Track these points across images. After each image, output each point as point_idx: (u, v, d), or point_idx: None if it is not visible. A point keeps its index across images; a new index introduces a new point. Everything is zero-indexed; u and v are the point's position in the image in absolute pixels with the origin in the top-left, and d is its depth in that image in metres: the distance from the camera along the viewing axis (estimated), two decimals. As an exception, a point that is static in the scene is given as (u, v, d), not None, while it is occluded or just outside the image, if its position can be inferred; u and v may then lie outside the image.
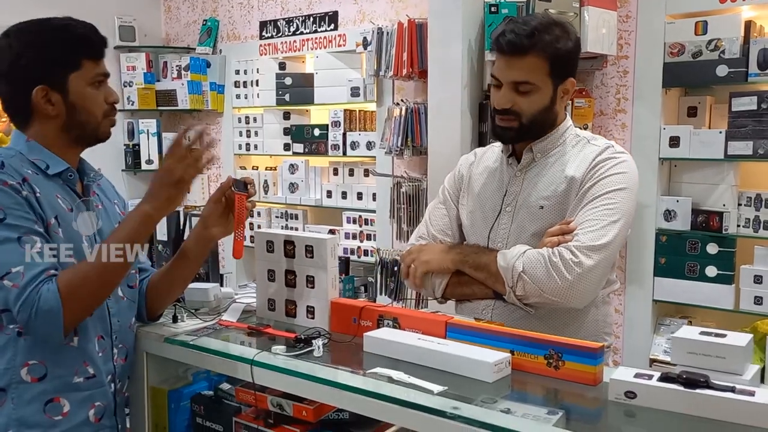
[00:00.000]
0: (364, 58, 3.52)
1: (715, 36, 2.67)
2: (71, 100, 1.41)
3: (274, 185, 4.24)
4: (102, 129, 1.47)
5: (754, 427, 1.08)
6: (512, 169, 1.68)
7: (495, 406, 1.17)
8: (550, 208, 1.61)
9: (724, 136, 2.66)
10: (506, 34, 1.54)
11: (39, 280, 1.30)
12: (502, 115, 1.59)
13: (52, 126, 1.42)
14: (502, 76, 1.57)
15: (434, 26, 2.94)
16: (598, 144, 1.64)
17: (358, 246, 3.79)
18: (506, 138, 1.65)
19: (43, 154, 1.43)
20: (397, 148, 3.27)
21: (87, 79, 1.42)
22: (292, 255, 1.66)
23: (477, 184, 1.76)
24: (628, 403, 1.18)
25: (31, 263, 1.30)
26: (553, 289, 1.51)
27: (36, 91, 1.38)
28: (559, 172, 1.62)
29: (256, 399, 1.47)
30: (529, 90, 1.55)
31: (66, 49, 1.40)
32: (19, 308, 1.29)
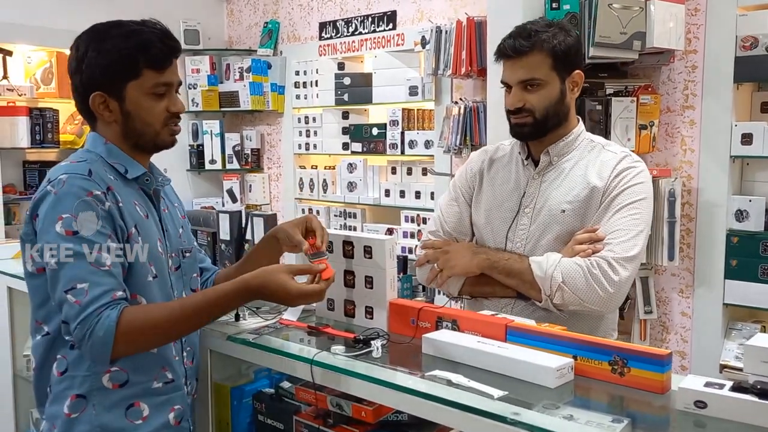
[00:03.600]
0: (423, 57, 3.51)
1: (792, 27, 2.54)
2: (127, 108, 1.39)
3: (332, 184, 4.28)
4: (161, 138, 1.44)
5: None
6: (529, 171, 1.74)
7: (557, 412, 1.14)
8: (572, 213, 1.67)
9: (802, 132, 2.53)
10: (506, 41, 1.65)
11: (102, 302, 1.27)
12: (516, 115, 1.67)
13: (113, 131, 1.42)
14: (509, 78, 1.68)
15: (494, 24, 2.90)
16: (614, 151, 1.71)
17: (416, 245, 3.77)
18: (523, 135, 1.71)
19: (121, 158, 1.42)
20: (455, 146, 3.25)
21: (145, 88, 1.38)
22: (351, 255, 1.67)
23: (493, 183, 1.80)
24: (697, 412, 1.14)
25: (97, 281, 1.28)
26: (593, 299, 1.59)
27: (93, 97, 1.38)
28: (579, 177, 1.68)
29: (316, 398, 1.48)
30: (537, 86, 1.64)
31: (126, 57, 1.37)
32: (75, 326, 1.26)
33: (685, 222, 2.86)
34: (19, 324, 2.58)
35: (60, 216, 1.29)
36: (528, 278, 1.63)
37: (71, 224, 1.28)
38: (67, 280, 1.27)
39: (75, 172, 1.33)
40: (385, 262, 1.62)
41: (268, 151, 4.77)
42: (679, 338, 2.95)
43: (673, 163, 2.90)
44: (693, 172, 2.84)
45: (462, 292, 1.78)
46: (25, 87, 4.13)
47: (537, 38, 1.63)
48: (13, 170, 4.21)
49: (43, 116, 4.13)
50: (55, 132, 4.18)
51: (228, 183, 4.71)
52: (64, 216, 1.29)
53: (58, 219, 1.28)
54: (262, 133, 4.77)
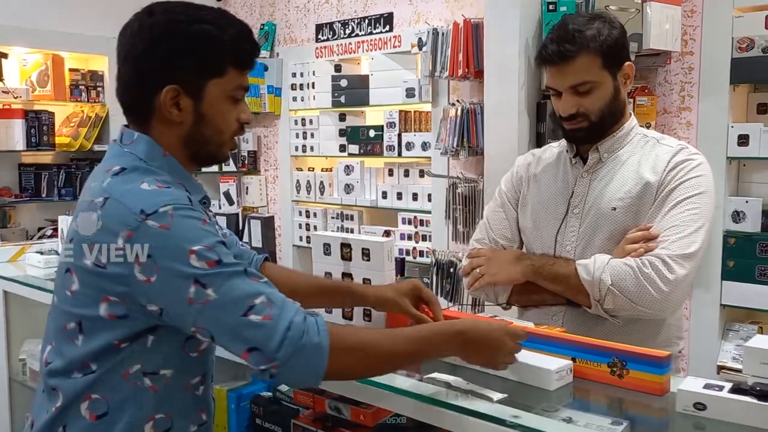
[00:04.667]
0: (419, 59, 3.51)
1: (787, 29, 2.55)
2: (203, 110, 1.18)
3: (329, 186, 4.28)
4: (223, 150, 1.24)
5: None
6: (577, 170, 1.65)
7: (556, 414, 1.14)
8: (624, 210, 1.57)
9: (798, 134, 2.53)
10: (548, 46, 1.55)
11: (295, 308, 1.10)
12: (570, 120, 1.58)
13: (172, 134, 1.19)
14: (558, 84, 1.57)
15: (491, 25, 2.91)
16: (670, 144, 1.60)
17: (414, 247, 3.79)
18: (580, 139, 1.62)
19: (182, 176, 1.21)
20: (452, 148, 3.25)
21: (227, 90, 1.19)
22: (349, 258, 1.66)
23: (539, 186, 1.73)
24: (697, 414, 1.14)
25: (271, 291, 1.10)
26: (647, 301, 1.47)
27: (166, 91, 1.14)
28: (631, 172, 1.59)
29: (314, 402, 1.48)
30: (590, 88, 1.54)
31: (215, 49, 1.16)
32: (279, 343, 1.05)
33: (682, 223, 2.86)
34: (14, 328, 2.57)
35: (191, 250, 1.06)
36: (575, 282, 1.52)
37: (208, 254, 1.07)
38: (239, 303, 1.07)
39: (177, 202, 1.10)
40: (383, 264, 1.62)
41: (264, 153, 4.76)
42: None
43: (669, 165, 2.90)
44: (690, 173, 2.84)
45: (510, 301, 1.70)
46: (21, 89, 4.12)
47: (582, 39, 1.51)
48: (8, 173, 4.20)
49: (39, 119, 4.12)
50: (50, 135, 4.17)
51: (225, 185, 4.70)
52: (195, 249, 1.07)
53: (189, 254, 1.06)
54: (259, 135, 4.76)
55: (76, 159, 4.42)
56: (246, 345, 1.06)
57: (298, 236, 4.48)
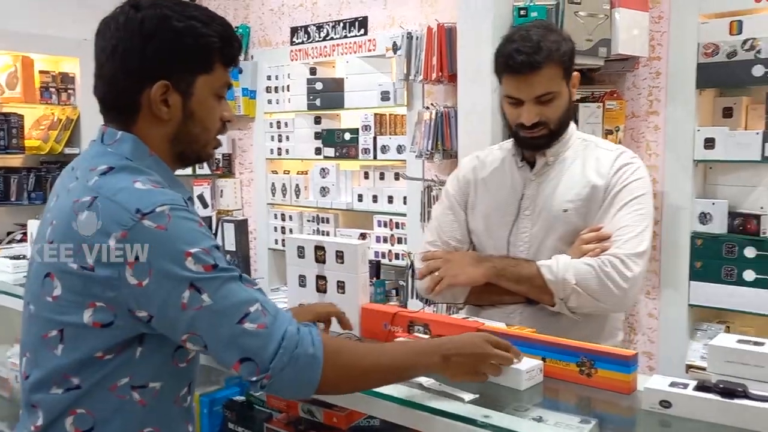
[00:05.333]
0: (394, 63, 3.53)
1: (750, 36, 2.61)
2: (191, 107, 1.16)
3: (305, 189, 4.27)
4: (208, 149, 1.23)
5: None
6: (525, 173, 1.71)
7: (527, 414, 1.16)
8: (575, 212, 1.65)
9: (762, 137, 2.59)
10: (515, 56, 1.56)
11: (290, 318, 1.08)
12: (530, 129, 1.62)
13: (159, 133, 1.16)
14: (522, 94, 1.60)
15: (464, 30, 2.93)
16: (608, 147, 1.71)
17: (389, 249, 3.80)
18: (539, 146, 1.67)
19: (168, 177, 1.17)
20: (427, 151, 3.27)
21: (215, 86, 1.18)
22: (323, 260, 1.67)
23: (488, 189, 1.77)
24: (663, 412, 1.17)
25: (265, 299, 1.07)
26: (609, 298, 1.56)
27: (157, 87, 1.12)
28: (578, 176, 1.66)
29: (287, 405, 1.48)
30: (552, 98, 1.59)
31: (205, 45, 1.15)
32: (273, 353, 1.03)
33: (651, 225, 2.91)
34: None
35: (187, 252, 1.03)
36: (539, 283, 1.59)
37: (205, 258, 1.04)
38: (234, 310, 1.03)
39: (174, 202, 1.07)
40: (357, 266, 1.63)
41: (239, 156, 4.74)
42: (646, 339, 3.00)
43: (639, 168, 2.95)
44: (658, 176, 2.90)
45: (468, 301, 1.74)
46: (-11, 92, 4.05)
47: (548, 50, 1.56)
48: (-24, 176, 4.12)
49: (8, 121, 4.05)
50: (20, 137, 4.10)
51: (199, 188, 4.66)
52: (193, 251, 1.03)
53: (186, 256, 1.03)
54: (234, 138, 4.74)
55: (47, 162, 4.36)
56: (240, 354, 1.03)
57: (273, 239, 4.46)
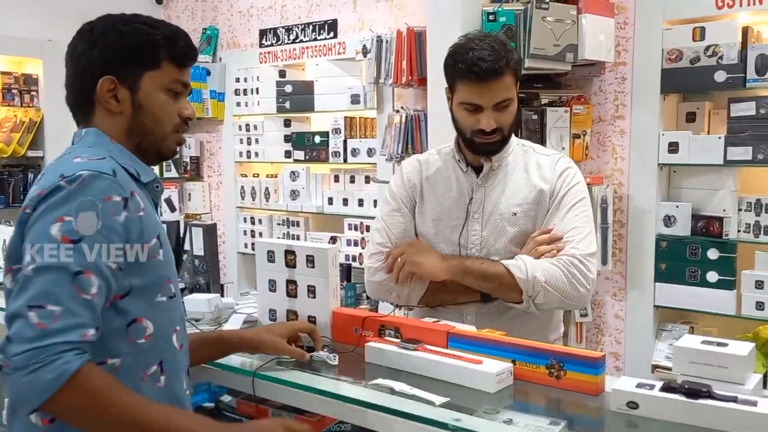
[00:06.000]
0: (364, 66, 3.53)
1: (712, 42, 2.68)
2: (139, 100, 1.23)
3: (275, 192, 4.24)
4: (167, 144, 1.27)
5: None
6: (471, 178, 1.75)
7: (497, 417, 1.17)
8: (523, 215, 1.71)
9: (723, 141, 2.66)
10: (480, 63, 1.59)
11: (68, 339, 1.02)
12: (488, 135, 1.66)
13: (115, 124, 1.24)
14: (483, 101, 1.63)
15: (433, 34, 2.95)
16: (546, 153, 1.79)
17: (360, 253, 3.79)
18: (492, 152, 1.72)
19: (131, 159, 1.24)
20: (397, 155, 3.28)
21: (164, 82, 1.24)
22: (293, 265, 1.66)
23: (435, 193, 1.79)
24: (630, 413, 1.18)
25: (72, 310, 1.04)
26: (575, 296, 1.64)
27: (102, 82, 1.20)
28: (522, 180, 1.73)
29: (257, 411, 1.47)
30: (508, 105, 1.65)
31: (149, 43, 1.23)
32: (24, 351, 1.01)
33: (617, 228, 2.97)
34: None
35: (61, 217, 1.07)
36: (507, 281, 1.62)
37: (71, 230, 1.07)
38: (37, 294, 1.04)
39: (97, 169, 1.12)
40: (327, 270, 1.62)
41: (207, 159, 4.69)
42: (613, 340, 3.05)
43: (605, 171, 3.00)
44: (624, 179, 2.95)
45: (423, 301, 1.74)
46: (-52, 93, 3.94)
47: (506, 58, 1.62)
48: (-65, 179, 4.00)
49: (-32, 123, 3.94)
50: (-20, 140, 4.00)
51: (166, 192, 4.59)
52: (66, 218, 1.07)
53: (58, 220, 1.07)
54: (202, 140, 4.68)
55: (9, 165, 4.25)
56: (10, 332, 1.03)
57: (243, 243, 4.42)
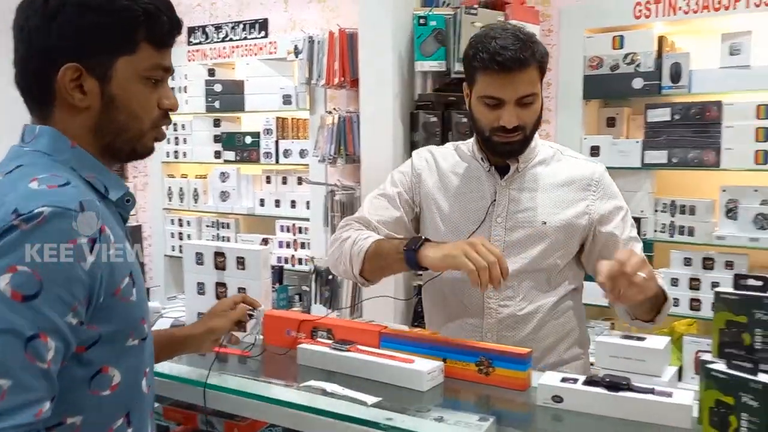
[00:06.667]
0: (296, 66, 3.51)
1: (631, 50, 2.80)
2: (112, 91, 1.00)
3: (204, 194, 4.15)
4: (144, 142, 1.05)
5: (672, 427, 1.14)
6: (494, 179, 1.59)
7: (428, 414, 1.19)
8: (554, 226, 1.56)
9: (641, 145, 2.78)
10: (503, 52, 1.43)
11: (18, 423, 0.83)
12: (509, 133, 1.50)
13: (79, 123, 1.00)
14: (505, 94, 1.47)
15: (364, 36, 2.96)
16: (576, 156, 1.66)
17: (292, 254, 3.76)
18: (512, 153, 1.56)
19: (96, 167, 1.02)
20: (330, 156, 3.27)
21: (141, 69, 1.01)
22: (223, 267, 1.63)
23: (449, 190, 1.63)
24: (555, 406, 1.23)
25: (24, 383, 0.84)
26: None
27: (65, 70, 0.96)
28: (552, 186, 1.58)
29: (184, 417, 1.43)
30: (532, 101, 1.49)
31: (125, 21, 0.99)
32: None
33: (544, 228, 3.05)
34: None
35: (13, 266, 0.85)
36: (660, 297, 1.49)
37: (25, 283, 0.85)
38: None
39: (60, 204, 0.89)
40: (259, 272, 1.61)
41: (133, 160, 4.53)
42: (540, 337, 3.14)
43: (532, 173, 3.09)
44: (550, 181, 3.04)
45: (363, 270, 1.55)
46: None
47: (532, 49, 1.46)
48: None
49: None
50: None
51: (89, 193, 4.43)
52: (19, 268, 0.85)
53: (9, 270, 0.85)
54: (127, 140, 4.53)
55: None
56: None
57: (170, 246, 4.30)
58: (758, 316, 1.12)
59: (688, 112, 2.70)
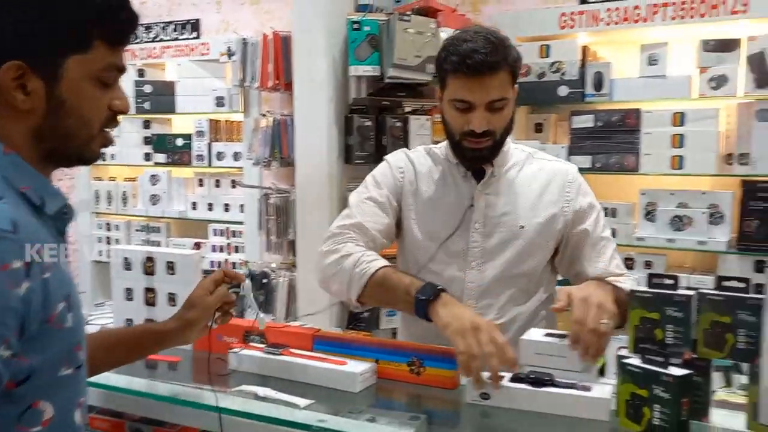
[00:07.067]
0: (229, 68, 3.47)
1: (556, 59, 2.91)
2: (61, 93, 0.90)
3: (134, 197, 4.06)
4: (92, 147, 0.96)
5: (593, 420, 1.20)
6: (471, 183, 1.57)
7: (361, 416, 1.20)
8: (532, 229, 1.56)
9: (567, 150, 2.90)
10: (473, 55, 1.41)
11: None
12: (478, 138, 1.48)
13: (19, 126, 0.90)
14: (476, 98, 1.45)
15: (298, 40, 2.96)
16: (549, 159, 1.65)
17: (226, 259, 3.72)
18: (482, 159, 1.54)
19: (32, 177, 0.91)
20: (264, 159, 3.24)
21: (94, 69, 0.92)
22: (152, 272, 1.60)
23: (426, 195, 1.61)
24: (483, 404, 1.26)
25: None
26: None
27: (6, 69, 0.87)
28: (526, 188, 1.58)
29: (110, 425, 1.40)
30: (502, 106, 1.47)
31: (76, 17, 0.90)
32: None
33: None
34: None
35: None
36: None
37: None
38: None
39: None
40: (190, 277, 1.58)
41: (57, 162, 4.37)
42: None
43: (464, 177, 3.16)
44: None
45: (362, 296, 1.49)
46: None
47: (504, 54, 1.44)
48: None
49: None
50: None
51: (9, 196, 4.24)
52: None
53: None
54: (51, 141, 4.36)
55: None
56: None
57: (98, 251, 4.17)
58: (669, 313, 1.19)
59: (610, 119, 2.83)
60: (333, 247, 1.53)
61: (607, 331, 1.27)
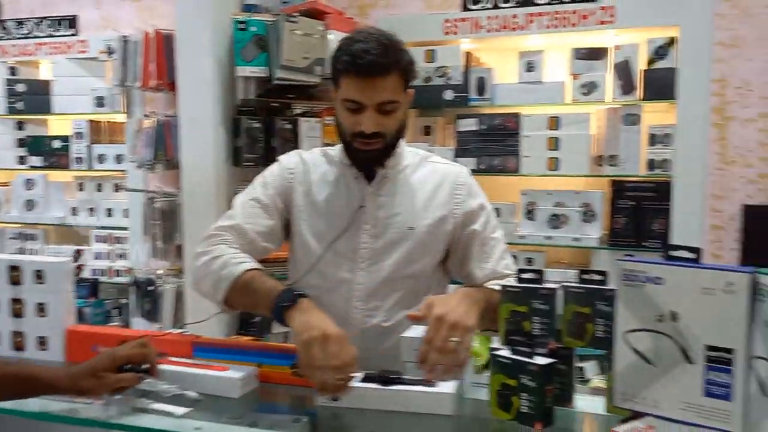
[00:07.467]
0: (109, 67, 3.32)
1: (442, 64, 3.01)
2: None
3: (7, 203, 3.80)
4: None
5: (439, 416, 1.23)
6: (362, 184, 1.57)
7: (241, 421, 1.19)
8: (421, 229, 1.57)
9: (454, 152, 3.00)
10: (364, 56, 1.42)
11: None
12: (368, 139, 1.48)
13: None
14: (366, 99, 1.45)
15: (182, 39, 2.88)
16: (441, 162, 1.67)
17: (110, 266, 3.55)
18: (371, 160, 1.54)
19: None
20: (148, 161, 3.12)
21: None
22: (19, 281, 1.51)
23: (319, 197, 1.60)
24: (334, 405, 1.25)
25: None
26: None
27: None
28: (418, 191, 1.59)
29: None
30: (393, 108, 1.47)
31: None
32: None
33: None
34: None
35: None
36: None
37: None
38: None
39: None
40: (60, 286, 1.51)
41: None
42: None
43: (356, 179, 3.19)
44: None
45: (228, 299, 1.46)
46: None
47: (396, 55, 1.45)
48: None
49: None
50: None
51: None
52: None
53: None
54: None
55: None
56: None
57: (-34, 261, 3.86)
58: (536, 306, 1.27)
59: (492, 122, 2.96)
60: (206, 249, 1.51)
61: (458, 348, 1.28)
